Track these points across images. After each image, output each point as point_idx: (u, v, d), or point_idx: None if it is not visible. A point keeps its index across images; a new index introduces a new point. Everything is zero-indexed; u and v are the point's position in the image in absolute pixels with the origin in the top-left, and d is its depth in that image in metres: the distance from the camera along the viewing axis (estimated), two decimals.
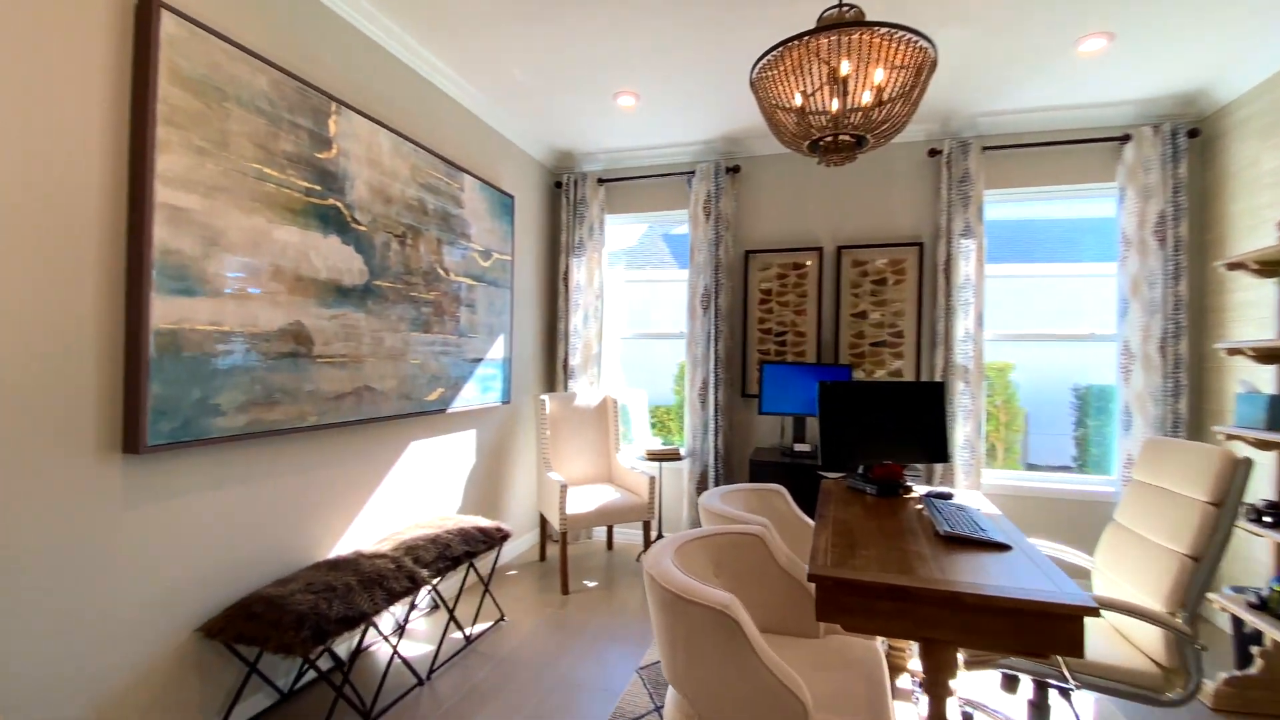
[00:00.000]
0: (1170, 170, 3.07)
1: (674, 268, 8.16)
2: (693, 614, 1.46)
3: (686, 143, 3.92)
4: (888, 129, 1.98)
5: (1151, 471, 1.85)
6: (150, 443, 1.71)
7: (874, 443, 2.46)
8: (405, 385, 2.73)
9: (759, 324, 3.89)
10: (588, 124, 3.66)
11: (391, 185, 2.62)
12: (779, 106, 2.03)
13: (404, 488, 2.84)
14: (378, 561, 2.24)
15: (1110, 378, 3.43)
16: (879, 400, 2.48)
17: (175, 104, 1.75)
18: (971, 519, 1.87)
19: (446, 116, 3.10)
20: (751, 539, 2.01)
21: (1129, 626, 1.76)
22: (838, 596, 1.47)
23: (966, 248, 3.36)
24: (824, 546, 1.69)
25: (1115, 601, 1.53)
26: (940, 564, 1.54)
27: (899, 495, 2.32)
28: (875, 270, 3.65)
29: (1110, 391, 4.12)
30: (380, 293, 2.57)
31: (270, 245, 2.06)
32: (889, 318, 3.62)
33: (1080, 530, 3.31)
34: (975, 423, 3.34)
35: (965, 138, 3.41)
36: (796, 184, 3.83)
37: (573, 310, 4.12)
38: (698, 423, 3.88)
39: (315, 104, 2.23)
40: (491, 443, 3.59)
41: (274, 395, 2.09)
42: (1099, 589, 1.94)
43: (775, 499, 2.66)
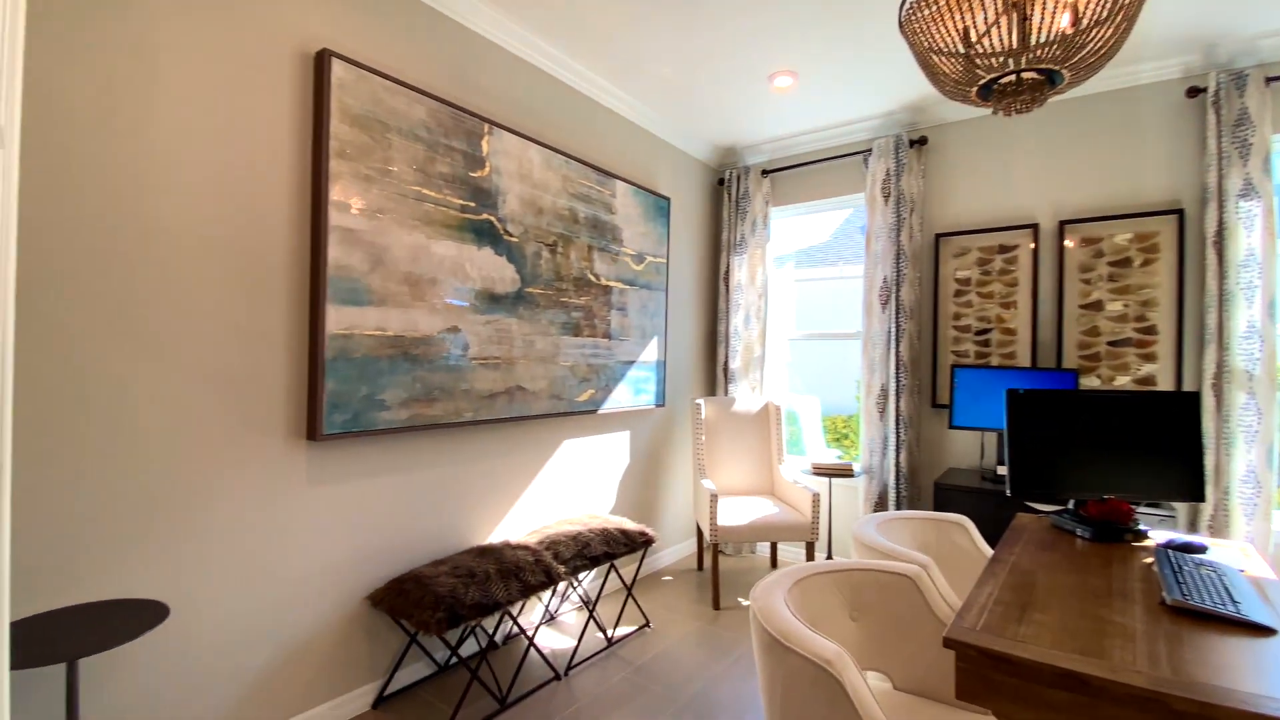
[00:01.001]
0: None
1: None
2: (791, 663, 1.24)
3: (859, 119, 3.51)
4: (1091, 59, 1.50)
5: None
6: (326, 431, 1.99)
7: (1090, 469, 1.90)
8: (556, 386, 2.84)
9: (953, 320, 3.31)
10: (746, 114, 3.47)
11: (542, 197, 2.75)
12: (937, 51, 1.67)
13: (556, 484, 2.95)
14: (519, 553, 2.34)
15: None
16: (1100, 415, 1.91)
17: (345, 139, 2.02)
18: (1223, 584, 1.33)
19: (599, 124, 3.17)
20: (902, 580, 1.68)
21: None
22: (986, 673, 1.13)
23: (1248, 212, 2.45)
24: (983, 602, 1.33)
25: None
26: (1153, 647, 1.10)
27: (1124, 541, 1.75)
28: (1114, 249, 2.86)
29: None
30: (531, 299, 2.71)
31: (429, 258, 2.28)
32: (1134, 309, 2.81)
33: None
34: (1265, 448, 2.42)
35: (1240, 68, 2.50)
36: (1002, 150, 3.19)
37: (733, 311, 3.95)
38: (875, 436, 3.44)
39: (469, 127, 2.42)
40: (645, 446, 3.58)
41: (433, 393, 2.31)
42: None
43: (956, 533, 2.22)
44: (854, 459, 4.11)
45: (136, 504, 1.62)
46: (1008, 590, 1.39)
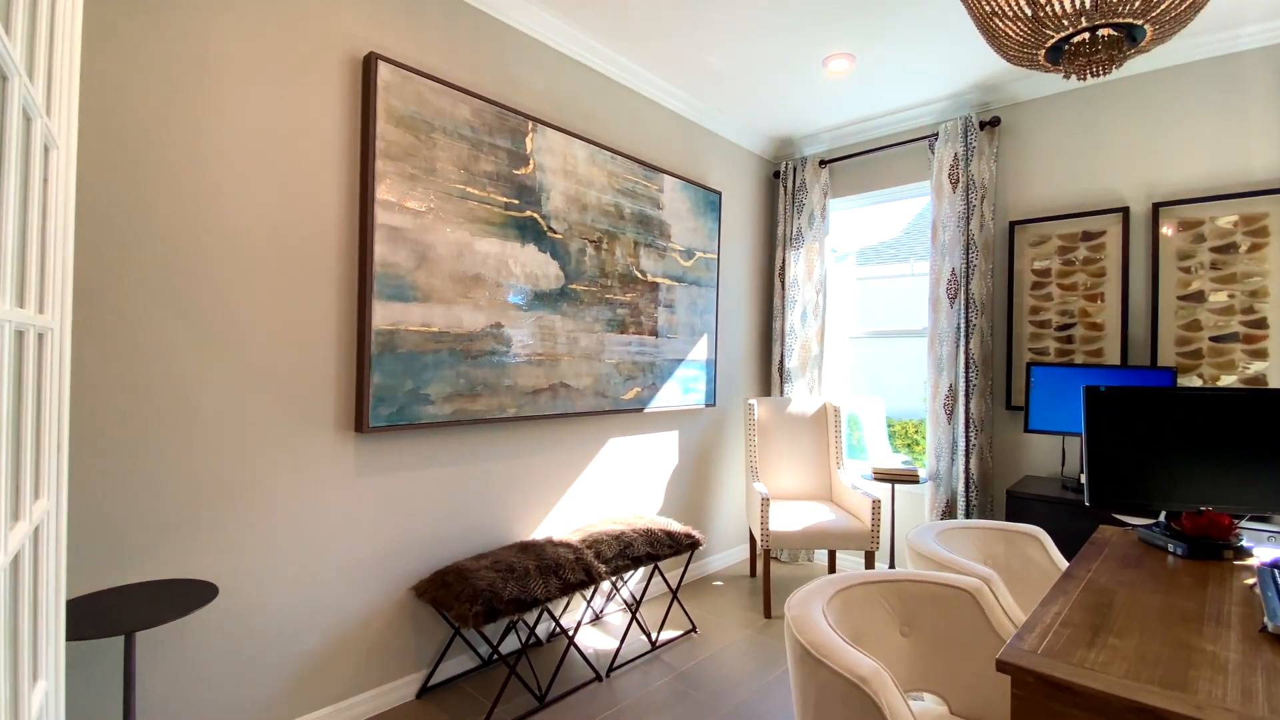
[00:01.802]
0: None
1: None
2: (822, 677, 1.15)
3: (923, 102, 3.30)
4: (1179, 10, 1.31)
5: None
6: (372, 424, 2.04)
7: (1185, 478, 1.68)
8: (600, 383, 2.82)
9: (1031, 315, 3.05)
10: (801, 102, 3.34)
11: (587, 193, 2.74)
12: (999, 14, 1.52)
13: (601, 482, 2.93)
14: (560, 550, 2.32)
15: None
16: (1195, 416, 1.68)
17: (391, 140, 2.08)
18: None
19: (646, 119, 3.13)
20: (959, 594, 1.54)
21: None
22: (1045, 703, 0.99)
23: None
24: (1048, 622, 1.18)
25: None
26: (1249, 681, 0.93)
27: (1224, 559, 1.53)
28: (1217, 233, 2.54)
29: None
30: (575, 296, 2.70)
31: (472, 256, 2.31)
32: (1242, 300, 2.48)
33: None
34: None
35: None
36: (1084, 127, 2.91)
37: (789, 307, 3.80)
38: (942, 440, 3.21)
39: (513, 125, 2.44)
40: (695, 446, 3.50)
41: (476, 388, 2.33)
42: None
43: (1029, 545, 2.03)
44: (921, 464, 3.86)
45: (192, 491, 1.72)
46: (1079, 610, 1.23)
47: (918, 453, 4.61)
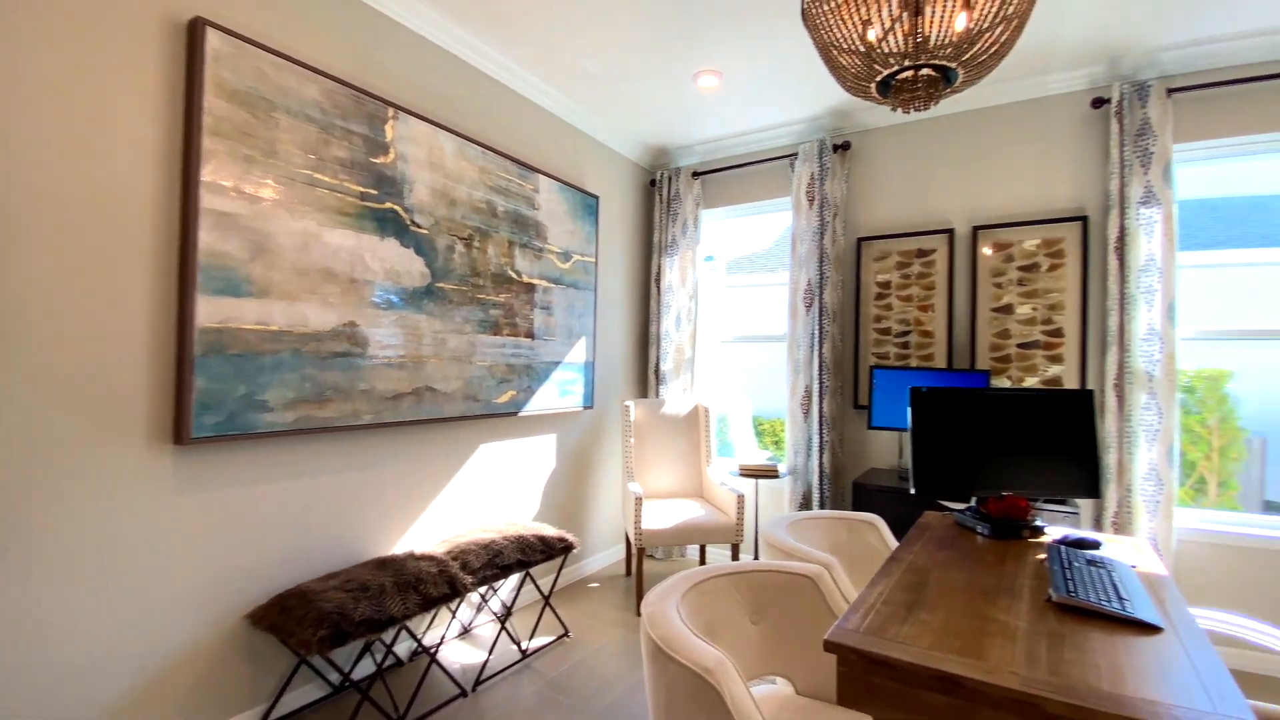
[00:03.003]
0: None
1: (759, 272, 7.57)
2: (672, 672, 1.17)
3: (786, 123, 3.52)
4: (982, 57, 1.50)
5: None
6: (194, 435, 1.81)
7: (992, 468, 1.92)
8: (471, 387, 2.71)
9: (875, 323, 3.36)
10: (674, 113, 3.43)
11: (456, 188, 2.63)
12: (838, 47, 1.65)
13: (472, 490, 2.82)
14: (422, 564, 2.20)
15: None
16: (1001, 413, 1.93)
17: (222, 116, 1.86)
18: (1112, 581, 1.33)
19: (521, 117, 3.07)
20: (802, 580, 1.64)
21: None
22: (865, 677, 1.08)
23: (1148, 219, 2.57)
24: (871, 602, 1.29)
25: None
26: (1034, 646, 1.08)
27: (1021, 538, 1.77)
28: (1023, 254, 2.95)
29: None
30: (444, 295, 2.58)
31: (322, 248, 2.12)
32: (1043, 312, 2.90)
33: None
34: (1165, 447, 2.53)
35: (1143, 79, 2.62)
36: (921, 156, 3.25)
37: (664, 312, 3.90)
38: (800, 437, 3.44)
39: (371, 110, 2.28)
40: (573, 449, 3.48)
41: (326, 393, 2.14)
42: None
43: (868, 532, 2.21)
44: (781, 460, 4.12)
45: None
46: (899, 589, 1.36)
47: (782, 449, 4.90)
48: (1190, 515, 2.65)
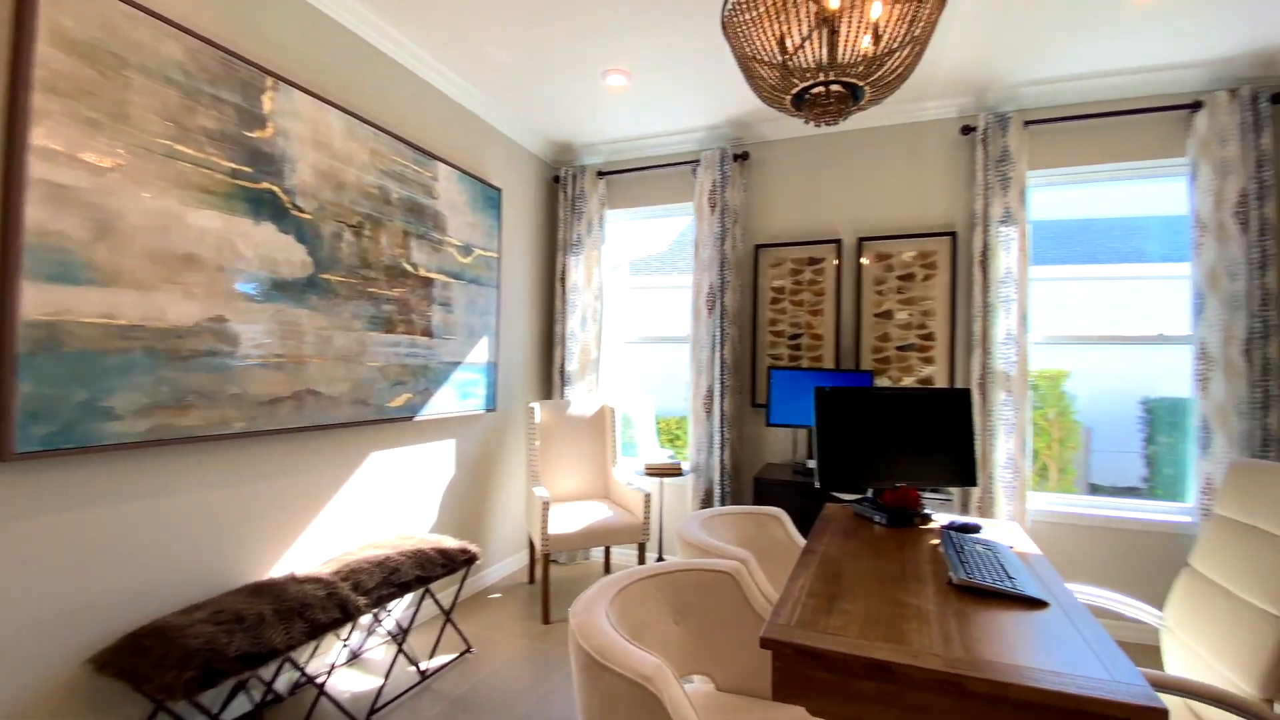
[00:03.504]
0: (1252, 142, 2.56)
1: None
2: (608, 682, 1.13)
3: (690, 129, 3.59)
4: (888, 78, 1.61)
5: (1242, 505, 1.41)
6: (19, 449, 1.49)
7: (885, 461, 2.06)
8: (361, 390, 2.49)
9: (770, 326, 3.51)
10: (581, 110, 3.38)
11: (345, 171, 2.40)
12: (755, 58, 1.70)
13: (362, 504, 2.59)
14: (306, 587, 1.98)
15: (1184, 387, 2.90)
16: (891, 411, 2.08)
17: (59, 69, 1.55)
18: (999, 563, 1.47)
19: (419, 100, 2.88)
20: (722, 577, 1.66)
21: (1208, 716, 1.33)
22: (800, 670, 1.11)
23: (1006, 237, 2.91)
24: (796, 596, 1.33)
25: (1190, 684, 1.12)
26: (945, 628, 1.16)
27: (913, 526, 1.92)
28: (902, 264, 3.22)
29: (1184, 405, 3.56)
30: (329, 288, 2.34)
31: (183, 231, 1.85)
32: (918, 318, 3.18)
33: (1150, 571, 2.79)
34: (1020, 438, 2.87)
35: (1004, 111, 2.97)
36: (812, 169, 3.45)
37: (569, 312, 3.83)
38: (702, 435, 3.52)
39: (245, 77, 2.02)
40: (474, 454, 3.32)
41: (187, 398, 1.86)
42: (1172, 659, 1.50)
43: (773, 525, 2.29)
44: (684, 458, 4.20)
45: None
46: (818, 581, 1.42)
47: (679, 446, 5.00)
48: (1038, 498, 3.03)
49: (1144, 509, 2.91)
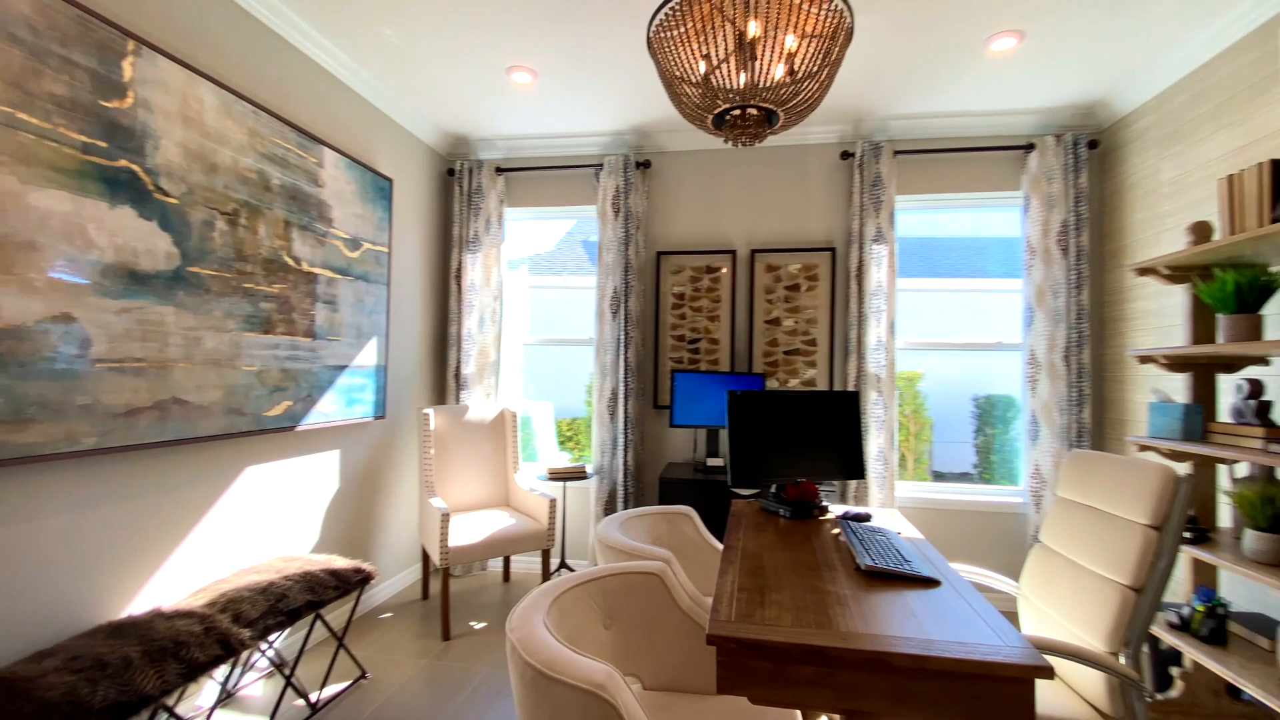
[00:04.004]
0: (1072, 180, 3.07)
1: (592, 274, 7.84)
2: (559, 695, 1.11)
3: (594, 132, 3.61)
4: (801, 106, 1.74)
5: (1080, 489, 1.69)
6: None
7: (787, 458, 2.22)
8: (236, 398, 2.23)
9: (672, 330, 3.62)
10: (482, 104, 3.27)
11: (219, 151, 2.14)
12: (680, 78, 1.76)
13: (236, 525, 2.32)
14: (178, 623, 1.74)
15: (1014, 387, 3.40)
16: (792, 412, 2.25)
17: None
18: (894, 548, 1.64)
19: (304, 79, 2.63)
20: (649, 579, 1.69)
21: (1066, 668, 1.58)
22: (743, 662, 1.17)
23: (879, 253, 3.24)
24: (729, 592, 1.40)
25: (1055, 644, 1.33)
26: (863, 610, 1.28)
27: (814, 517, 2.08)
28: (789, 275, 3.47)
29: (1009, 400, 4.18)
30: (198, 282, 2.07)
31: (23, 213, 1.55)
32: (802, 325, 3.44)
33: (991, 543, 3.24)
34: (888, 433, 3.21)
35: (877, 140, 3.30)
36: (709, 183, 3.61)
37: (466, 312, 3.69)
38: (606, 437, 3.55)
39: (103, 39, 1.73)
40: (361, 466, 3.09)
41: (27, 411, 1.57)
42: (1027, 622, 1.76)
43: (684, 523, 2.37)
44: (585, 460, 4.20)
45: None
46: (746, 576, 1.50)
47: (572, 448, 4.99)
48: (903, 487, 3.41)
49: (986, 493, 3.38)
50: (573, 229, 8.68)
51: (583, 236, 8.79)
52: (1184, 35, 2.44)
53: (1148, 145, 2.81)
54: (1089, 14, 2.33)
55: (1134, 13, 2.31)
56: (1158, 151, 2.73)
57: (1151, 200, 2.78)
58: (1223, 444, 1.91)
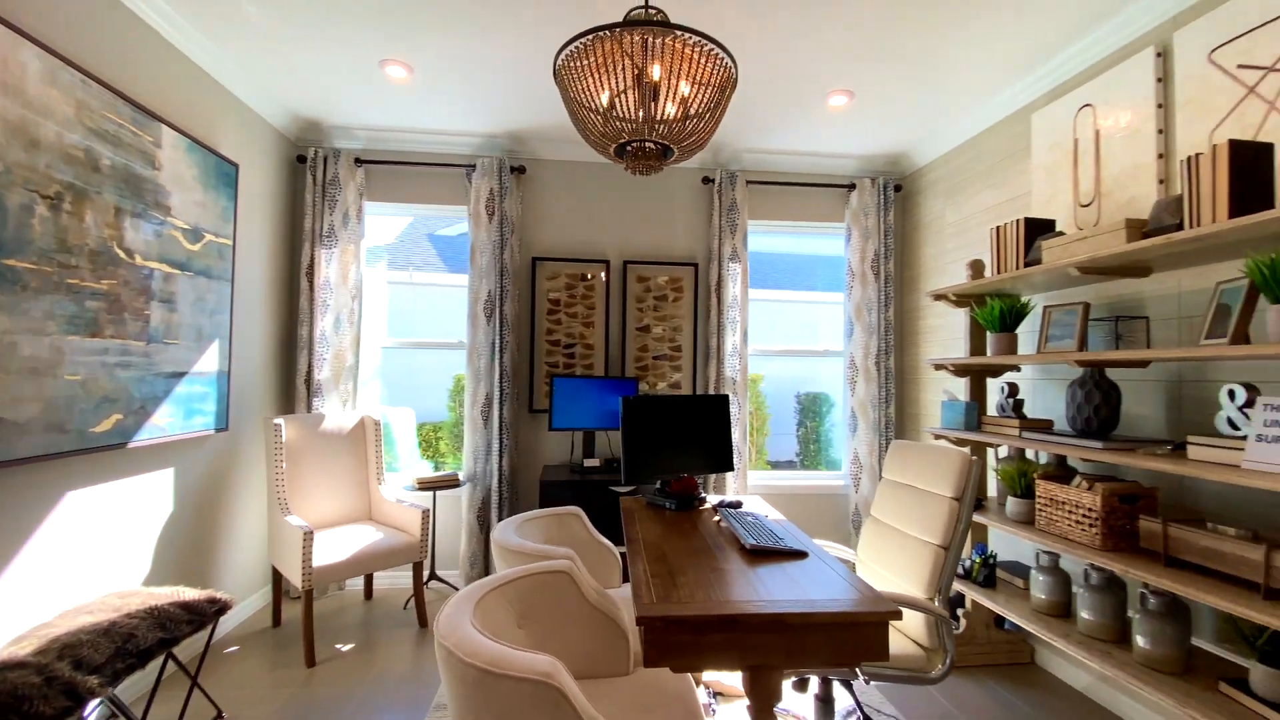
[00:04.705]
0: (882, 217, 3.72)
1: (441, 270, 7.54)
2: (505, 690, 1.19)
3: (467, 133, 3.56)
4: (693, 143, 1.97)
5: (900, 471, 2.12)
6: None
7: (669, 456, 2.45)
8: (58, 412, 1.91)
9: (547, 335, 3.70)
10: (345, 92, 3.08)
11: (41, 125, 1.82)
12: (583, 105, 1.89)
13: (56, 560, 1.97)
14: (10, 675, 1.48)
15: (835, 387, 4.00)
16: (674, 414, 2.48)
17: None
18: (769, 528, 1.93)
19: (143, 49, 2.30)
20: (559, 576, 1.79)
21: None
22: (666, 637, 1.34)
23: (734, 271, 3.63)
24: (645, 579, 1.56)
25: (893, 595, 1.68)
26: (753, 582, 1.52)
27: (695, 508, 2.32)
28: (657, 286, 3.74)
29: (825, 397, 4.88)
30: (14, 277, 1.75)
31: None
32: (669, 332, 3.73)
33: (821, 519, 3.80)
34: (742, 430, 3.62)
35: (733, 170, 3.70)
36: (584, 194, 3.75)
37: (320, 313, 3.43)
38: (480, 443, 3.52)
39: None
40: (200, 484, 2.76)
41: None
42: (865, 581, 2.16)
43: (573, 523, 2.48)
44: (450, 468, 4.11)
45: None
46: (653, 564, 1.68)
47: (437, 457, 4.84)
48: (753, 475, 3.85)
49: (815, 478, 3.94)
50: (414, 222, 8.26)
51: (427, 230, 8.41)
52: (966, 111, 3.11)
53: (937, 194, 3.51)
54: (903, 84, 2.87)
55: (934, 88, 2.90)
56: (944, 199, 3.44)
57: (940, 238, 3.48)
58: (991, 432, 2.50)
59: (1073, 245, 2.11)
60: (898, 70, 2.74)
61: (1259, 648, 1.60)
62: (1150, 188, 2.18)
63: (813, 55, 2.63)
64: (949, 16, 2.33)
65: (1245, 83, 1.87)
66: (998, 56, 2.60)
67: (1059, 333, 2.32)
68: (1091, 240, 2.02)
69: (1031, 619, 2.22)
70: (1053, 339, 2.34)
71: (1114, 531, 1.95)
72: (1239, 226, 1.54)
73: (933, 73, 2.75)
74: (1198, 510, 1.99)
